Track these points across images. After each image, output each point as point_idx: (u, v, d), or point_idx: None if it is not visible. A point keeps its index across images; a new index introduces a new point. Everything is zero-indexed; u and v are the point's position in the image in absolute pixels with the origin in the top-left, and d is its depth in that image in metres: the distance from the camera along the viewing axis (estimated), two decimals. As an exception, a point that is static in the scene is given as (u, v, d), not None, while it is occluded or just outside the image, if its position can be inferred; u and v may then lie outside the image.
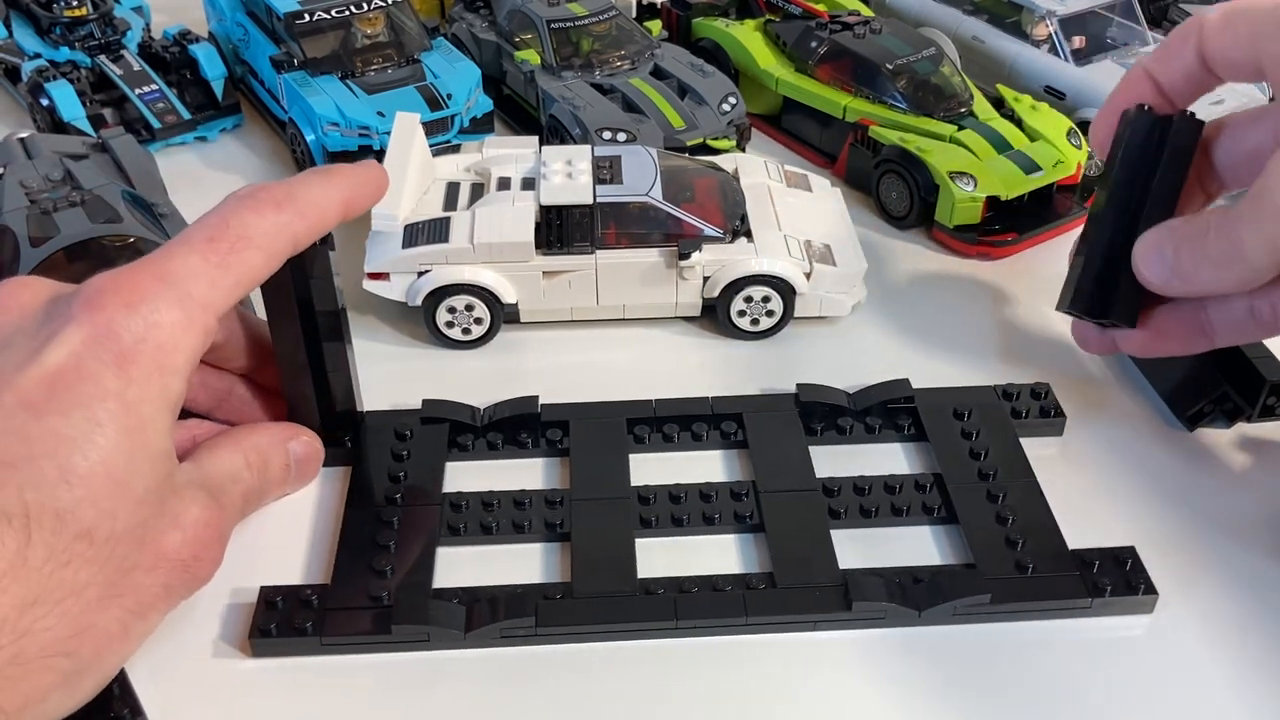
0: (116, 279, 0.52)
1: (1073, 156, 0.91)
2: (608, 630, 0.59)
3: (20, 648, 0.45)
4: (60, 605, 0.46)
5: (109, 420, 0.49)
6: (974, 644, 0.59)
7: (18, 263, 0.70)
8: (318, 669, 0.57)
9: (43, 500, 0.46)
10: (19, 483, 0.46)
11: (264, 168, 1.02)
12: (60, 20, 1.07)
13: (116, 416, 0.49)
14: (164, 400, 0.51)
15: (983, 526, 0.64)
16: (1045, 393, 0.72)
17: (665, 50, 1.05)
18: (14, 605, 0.45)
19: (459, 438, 0.70)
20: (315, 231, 0.59)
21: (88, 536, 0.47)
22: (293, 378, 0.65)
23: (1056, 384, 0.74)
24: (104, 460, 0.48)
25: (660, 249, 0.79)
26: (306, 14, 0.99)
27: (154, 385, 0.50)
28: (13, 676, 0.45)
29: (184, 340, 0.52)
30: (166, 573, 0.51)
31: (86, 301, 0.51)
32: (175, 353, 0.51)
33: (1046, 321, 0.82)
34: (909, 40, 1.00)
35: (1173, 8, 1.17)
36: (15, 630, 0.45)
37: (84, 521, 0.47)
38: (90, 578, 0.47)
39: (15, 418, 0.47)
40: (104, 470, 0.48)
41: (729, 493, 0.66)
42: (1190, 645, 0.59)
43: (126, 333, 0.50)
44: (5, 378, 0.49)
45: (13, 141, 0.83)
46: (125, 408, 0.49)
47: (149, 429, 0.50)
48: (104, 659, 0.49)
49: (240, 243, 0.54)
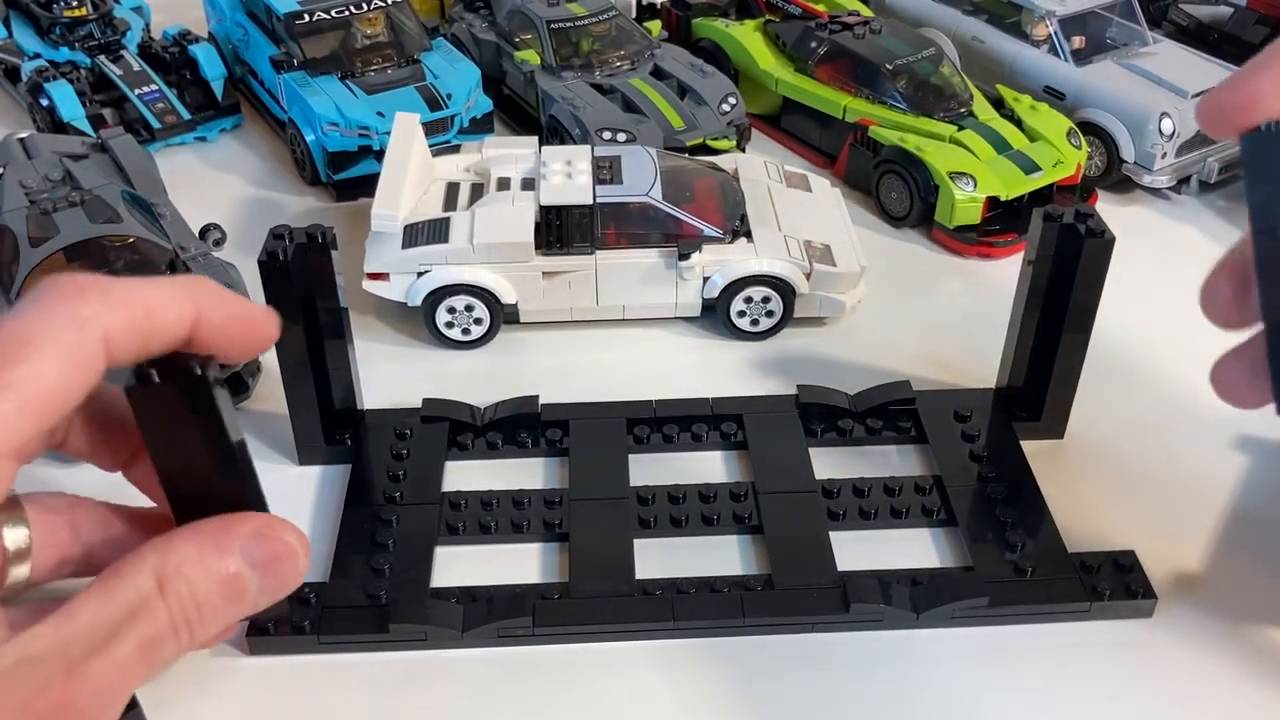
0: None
1: (1072, 156, 0.91)
2: (605, 631, 0.59)
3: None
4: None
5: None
6: (972, 647, 0.59)
7: (17, 263, 0.70)
8: (315, 667, 0.57)
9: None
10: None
11: (264, 168, 1.02)
12: (60, 20, 1.07)
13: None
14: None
15: (982, 529, 0.64)
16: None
17: (665, 50, 1.05)
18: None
19: (459, 437, 0.70)
20: (138, 328, 0.39)
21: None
22: (294, 376, 0.66)
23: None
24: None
25: (660, 249, 0.78)
26: (306, 14, 0.99)
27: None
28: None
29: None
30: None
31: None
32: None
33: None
34: (909, 40, 1.00)
35: (1172, 8, 1.17)
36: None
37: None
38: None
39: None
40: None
41: (728, 494, 0.66)
42: (1189, 650, 0.59)
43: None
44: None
45: (12, 141, 0.83)
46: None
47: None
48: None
49: (22, 349, 0.37)
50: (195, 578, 0.39)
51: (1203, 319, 0.46)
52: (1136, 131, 0.94)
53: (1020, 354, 0.70)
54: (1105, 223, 0.64)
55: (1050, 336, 0.67)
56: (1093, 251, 0.63)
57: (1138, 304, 0.81)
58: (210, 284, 0.42)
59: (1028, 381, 0.71)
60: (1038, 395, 0.70)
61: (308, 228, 0.64)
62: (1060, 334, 0.66)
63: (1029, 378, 0.70)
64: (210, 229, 0.77)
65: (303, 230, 0.64)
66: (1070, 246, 0.64)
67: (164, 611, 0.38)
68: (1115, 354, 0.77)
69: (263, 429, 0.71)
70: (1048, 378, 0.69)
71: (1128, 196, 0.98)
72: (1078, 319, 0.66)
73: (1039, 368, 0.69)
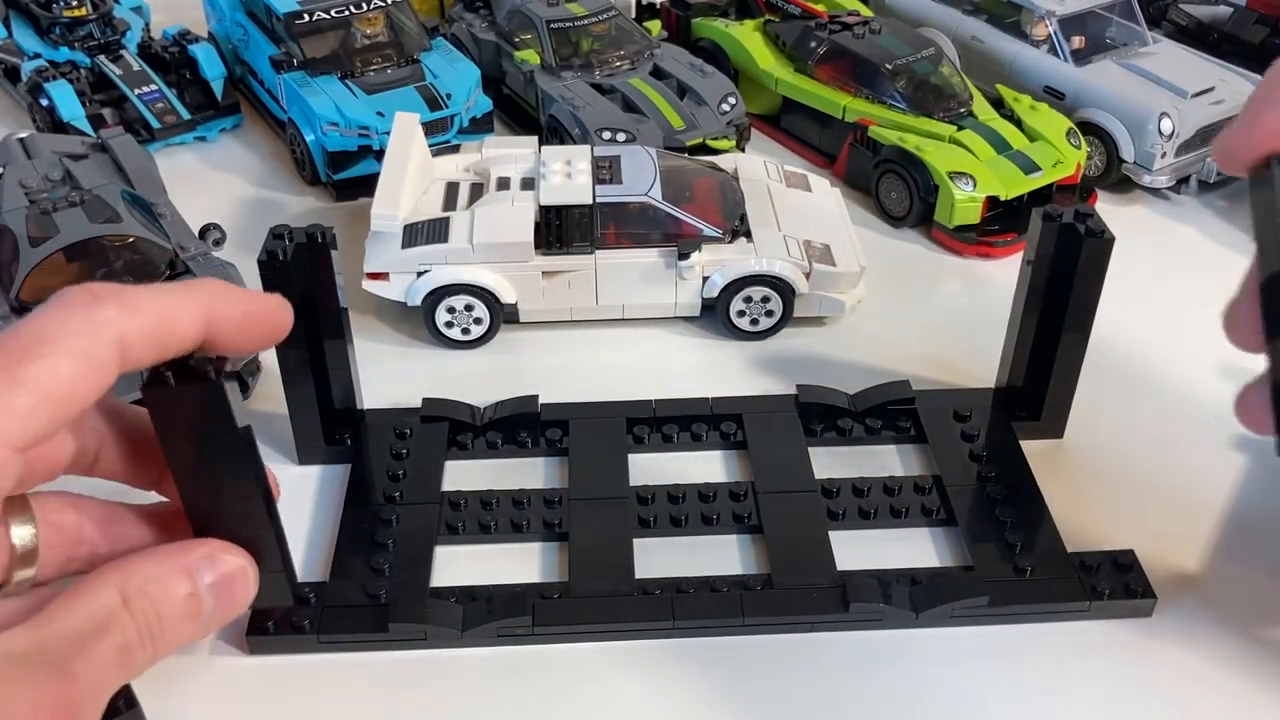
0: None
1: (1072, 156, 0.91)
2: (604, 630, 0.59)
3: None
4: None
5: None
6: (971, 646, 0.59)
7: (17, 262, 0.70)
8: (315, 666, 0.57)
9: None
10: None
11: (263, 168, 1.02)
12: (60, 20, 1.07)
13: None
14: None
15: (981, 529, 0.64)
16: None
17: (665, 50, 1.05)
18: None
19: (458, 436, 0.70)
20: (155, 335, 0.42)
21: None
22: (294, 376, 0.66)
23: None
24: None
25: (660, 249, 0.78)
26: (306, 14, 0.99)
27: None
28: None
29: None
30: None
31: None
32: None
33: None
34: (908, 40, 1.00)
35: (1172, 8, 1.17)
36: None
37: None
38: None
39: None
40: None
41: (728, 493, 0.66)
42: (1188, 650, 0.59)
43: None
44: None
45: (12, 141, 0.83)
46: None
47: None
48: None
49: (38, 348, 0.39)
50: (157, 595, 0.42)
51: (1203, 319, 0.46)
52: (1136, 131, 0.94)
53: (1020, 354, 0.70)
54: (1105, 223, 0.64)
55: (1050, 336, 0.67)
56: (1092, 251, 0.63)
57: (1137, 304, 0.81)
58: (219, 284, 0.44)
59: (1027, 381, 0.71)
60: (1037, 395, 0.70)
61: (308, 227, 0.64)
62: (1060, 334, 0.66)
63: (1028, 377, 0.71)
64: (210, 229, 0.77)
65: (302, 230, 0.64)
66: (1070, 246, 0.64)
67: (131, 624, 0.41)
68: (1115, 354, 0.77)
69: (263, 428, 0.71)
70: (1047, 377, 0.69)
71: (1127, 196, 0.98)
72: (1077, 319, 0.66)
73: (1038, 367, 0.69)
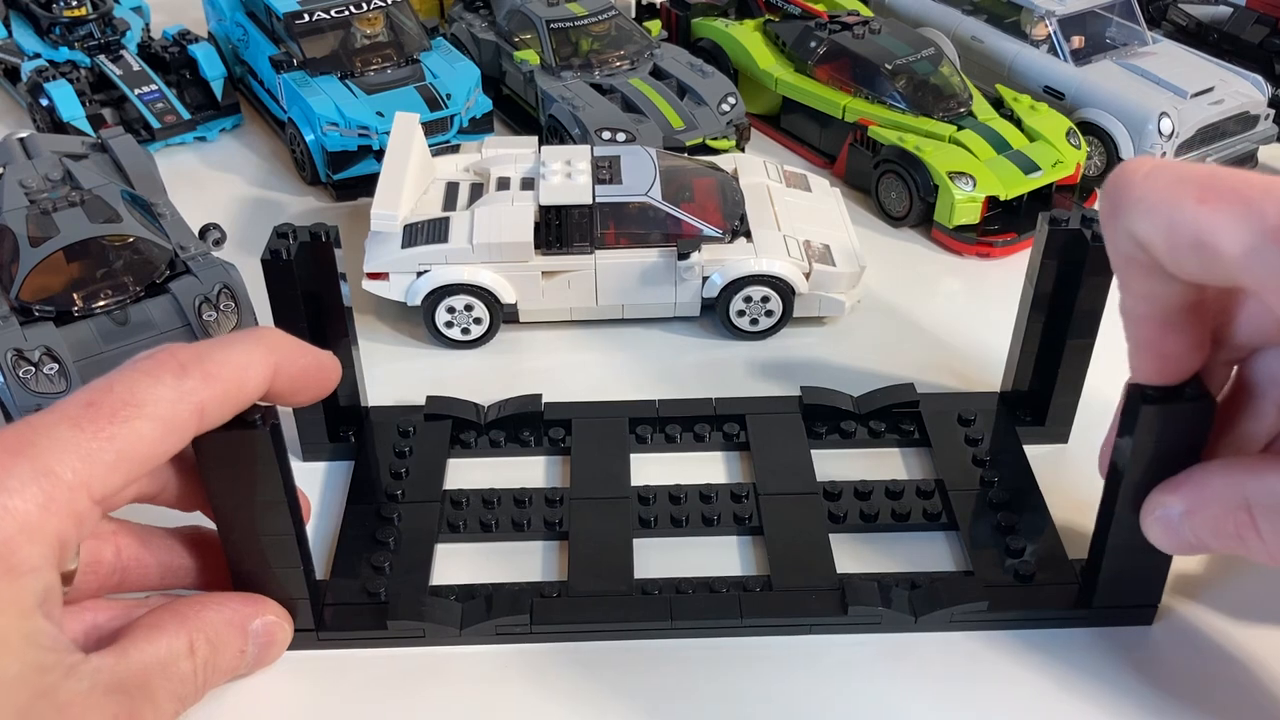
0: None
1: (1072, 156, 0.91)
2: (603, 630, 0.59)
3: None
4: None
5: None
6: (970, 651, 0.58)
7: (17, 262, 0.70)
8: (314, 662, 0.58)
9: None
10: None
11: (263, 168, 1.02)
12: (60, 20, 1.08)
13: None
14: (16, 608, 0.42)
15: (982, 533, 0.64)
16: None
17: (665, 50, 1.05)
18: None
19: (461, 434, 0.70)
20: (230, 400, 0.48)
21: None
22: None
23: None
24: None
25: (659, 249, 0.79)
26: (306, 14, 0.99)
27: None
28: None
29: (45, 527, 0.42)
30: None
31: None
32: (28, 546, 0.42)
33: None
34: (908, 40, 1.00)
35: (1172, 8, 1.17)
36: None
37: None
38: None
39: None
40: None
41: (729, 494, 0.66)
42: (1189, 655, 0.58)
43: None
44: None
45: (12, 141, 0.83)
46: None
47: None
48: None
49: (126, 410, 0.44)
50: (217, 646, 0.51)
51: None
52: (1135, 131, 0.94)
53: (1025, 358, 0.70)
54: None
55: (1055, 341, 0.67)
56: (1098, 255, 0.63)
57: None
58: (281, 337, 0.51)
59: (1032, 386, 0.71)
60: (1042, 399, 0.70)
61: (312, 226, 0.64)
62: (1065, 338, 0.66)
63: (1033, 382, 0.70)
64: (210, 229, 0.77)
65: (306, 229, 0.64)
66: (1075, 250, 0.64)
67: (190, 667, 0.49)
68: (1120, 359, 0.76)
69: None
70: (1052, 382, 0.69)
71: (1127, 196, 0.98)
72: (1083, 323, 0.66)
73: (1044, 372, 0.69)
